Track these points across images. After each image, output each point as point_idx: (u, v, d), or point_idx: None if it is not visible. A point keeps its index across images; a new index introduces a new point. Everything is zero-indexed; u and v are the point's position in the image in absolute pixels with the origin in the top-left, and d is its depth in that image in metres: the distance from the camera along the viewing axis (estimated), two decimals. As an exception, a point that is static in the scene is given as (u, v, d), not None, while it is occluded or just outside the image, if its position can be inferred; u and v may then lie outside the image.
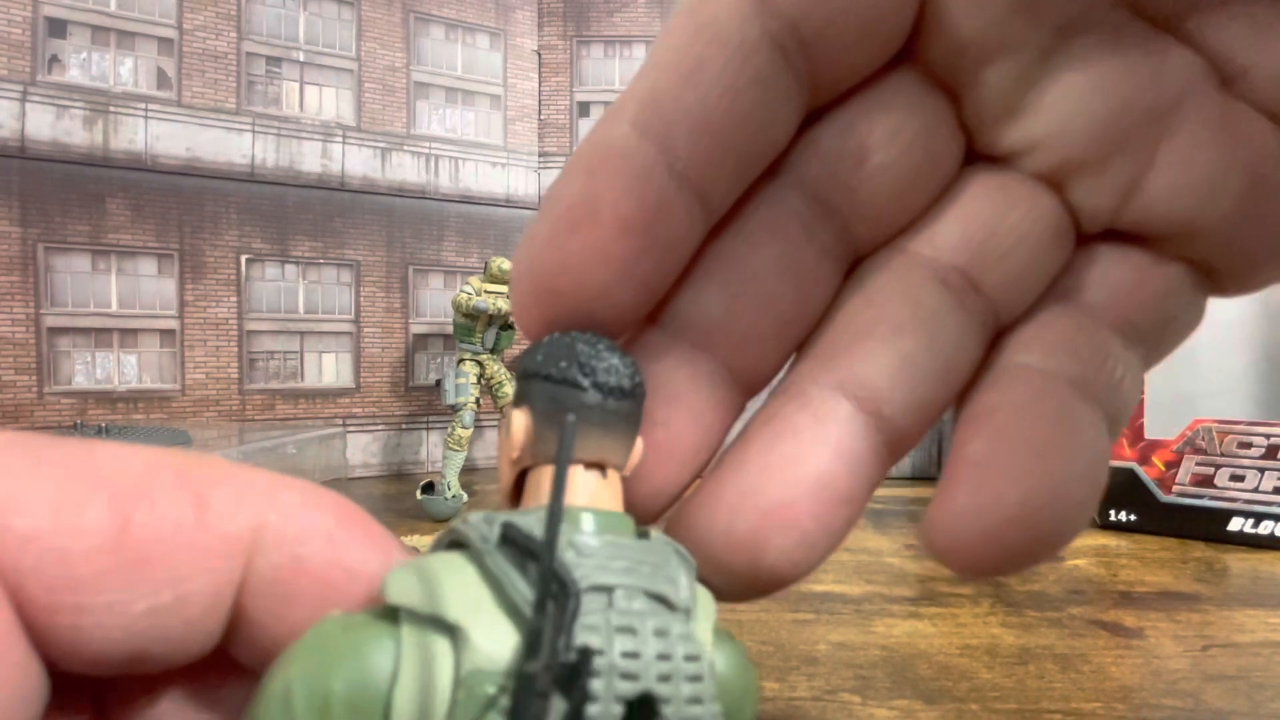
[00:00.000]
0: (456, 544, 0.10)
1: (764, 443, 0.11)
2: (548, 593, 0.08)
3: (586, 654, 0.08)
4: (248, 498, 0.10)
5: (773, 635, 0.37)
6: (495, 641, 0.08)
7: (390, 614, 0.09)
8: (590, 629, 0.08)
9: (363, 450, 0.87)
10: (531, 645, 0.08)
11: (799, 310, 0.12)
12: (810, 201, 0.11)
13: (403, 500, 0.73)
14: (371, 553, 0.10)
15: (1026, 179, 0.11)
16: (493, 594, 0.09)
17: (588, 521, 0.10)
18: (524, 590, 0.09)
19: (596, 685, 0.08)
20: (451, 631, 0.08)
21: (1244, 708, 0.30)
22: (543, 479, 0.10)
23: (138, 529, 0.09)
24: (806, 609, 0.41)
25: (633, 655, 0.08)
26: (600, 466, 0.11)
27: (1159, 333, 0.12)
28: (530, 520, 0.09)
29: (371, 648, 0.09)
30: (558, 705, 0.08)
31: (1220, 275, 0.11)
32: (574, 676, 0.08)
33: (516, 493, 0.11)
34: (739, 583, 0.11)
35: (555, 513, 0.09)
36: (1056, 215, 0.11)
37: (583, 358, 0.10)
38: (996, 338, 0.12)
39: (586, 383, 0.10)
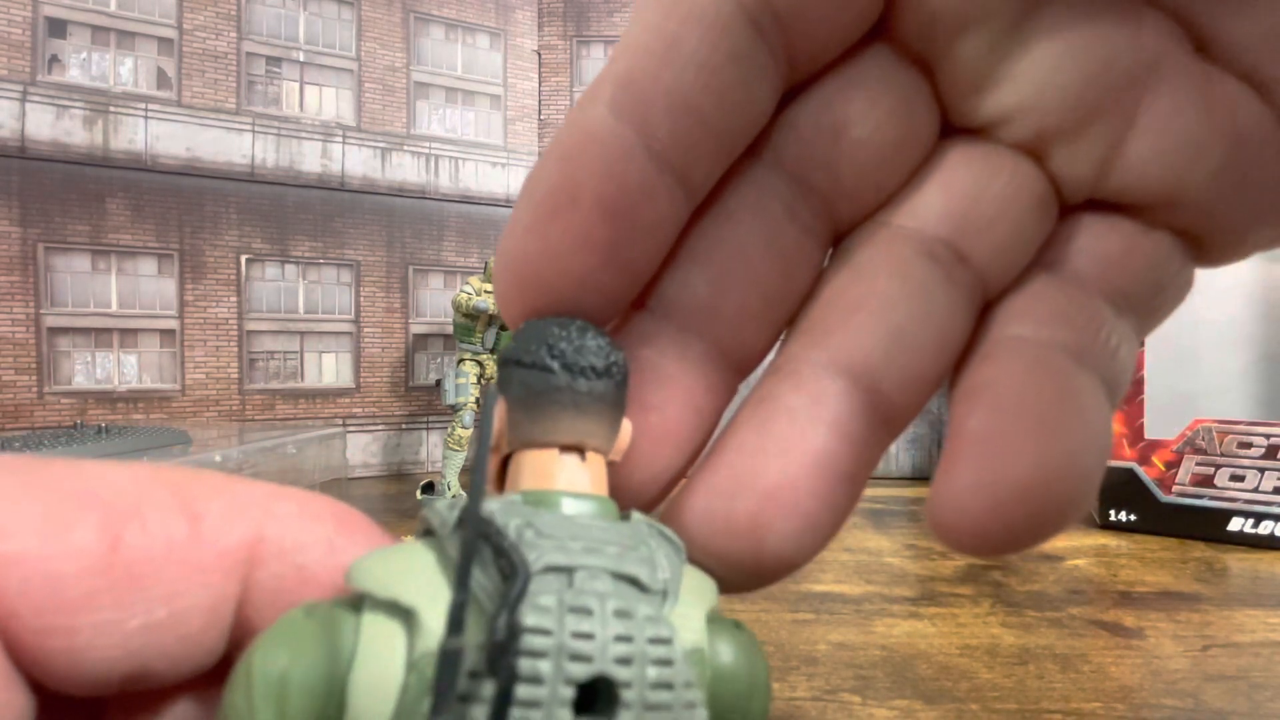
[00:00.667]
0: (429, 532, 0.10)
1: (759, 424, 0.11)
2: (469, 568, 0.08)
3: (514, 632, 0.08)
4: (243, 511, 0.10)
5: (773, 635, 0.37)
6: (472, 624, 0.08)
7: (356, 601, 0.09)
8: (541, 609, 0.08)
9: (363, 450, 0.87)
10: (454, 622, 0.08)
11: (785, 288, 0.12)
12: (790, 180, 0.11)
13: (403, 500, 0.73)
14: None
15: (1006, 149, 0.11)
16: (449, 579, 0.09)
17: (560, 504, 0.10)
18: (478, 574, 0.08)
19: (542, 666, 0.08)
20: (406, 615, 0.08)
21: (1244, 708, 0.30)
22: (521, 465, 0.10)
23: (128, 548, 0.09)
24: (806, 609, 0.41)
25: (585, 636, 0.08)
26: (579, 450, 0.10)
27: (1150, 302, 0.11)
28: (492, 506, 0.09)
29: (329, 632, 0.09)
30: (491, 686, 0.08)
31: (1206, 243, 0.11)
32: (500, 654, 0.08)
33: (500, 481, 0.11)
34: (741, 570, 0.11)
35: (477, 487, 0.09)
36: (1038, 184, 0.11)
37: (552, 340, 0.10)
38: (985, 310, 0.12)
39: (555, 365, 0.10)
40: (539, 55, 0.99)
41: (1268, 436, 0.58)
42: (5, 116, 0.72)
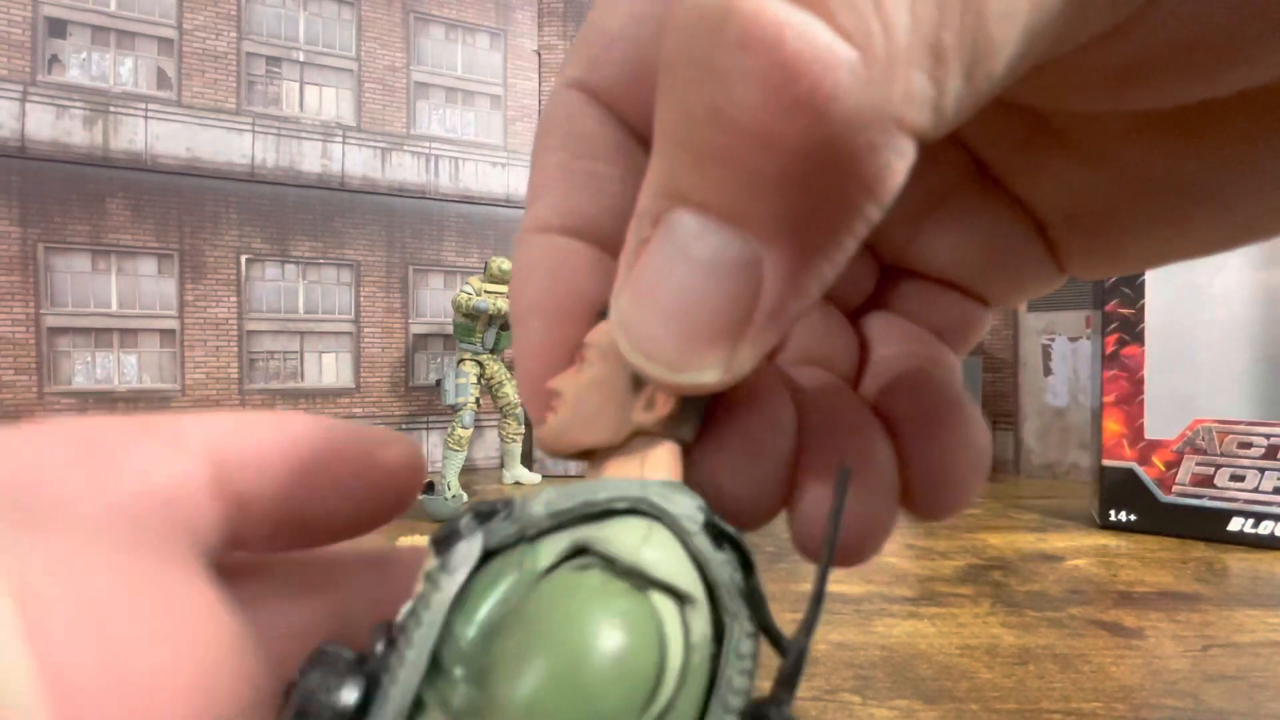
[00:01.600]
0: (636, 511, 0.11)
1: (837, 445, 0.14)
2: (817, 611, 0.10)
3: (802, 653, 0.10)
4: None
5: (773, 635, 0.37)
6: (707, 611, 0.10)
7: (631, 577, 0.10)
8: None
9: (363, 450, 0.87)
10: (808, 622, 0.10)
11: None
12: None
13: (403, 500, 0.73)
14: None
15: None
16: (695, 569, 0.10)
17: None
18: (724, 571, 0.10)
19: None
20: (688, 603, 0.10)
21: (1244, 708, 0.30)
22: (651, 453, 0.11)
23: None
24: (806, 609, 0.41)
25: None
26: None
27: (958, 335, 0.16)
28: (699, 503, 0.11)
29: (651, 616, 0.10)
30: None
31: (991, 302, 0.15)
32: (795, 673, 0.10)
33: (608, 451, 0.12)
34: None
35: (827, 557, 0.10)
36: (863, 258, 0.16)
37: None
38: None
39: None
40: (539, 55, 0.99)
41: (1268, 436, 0.59)
42: (5, 116, 0.73)
